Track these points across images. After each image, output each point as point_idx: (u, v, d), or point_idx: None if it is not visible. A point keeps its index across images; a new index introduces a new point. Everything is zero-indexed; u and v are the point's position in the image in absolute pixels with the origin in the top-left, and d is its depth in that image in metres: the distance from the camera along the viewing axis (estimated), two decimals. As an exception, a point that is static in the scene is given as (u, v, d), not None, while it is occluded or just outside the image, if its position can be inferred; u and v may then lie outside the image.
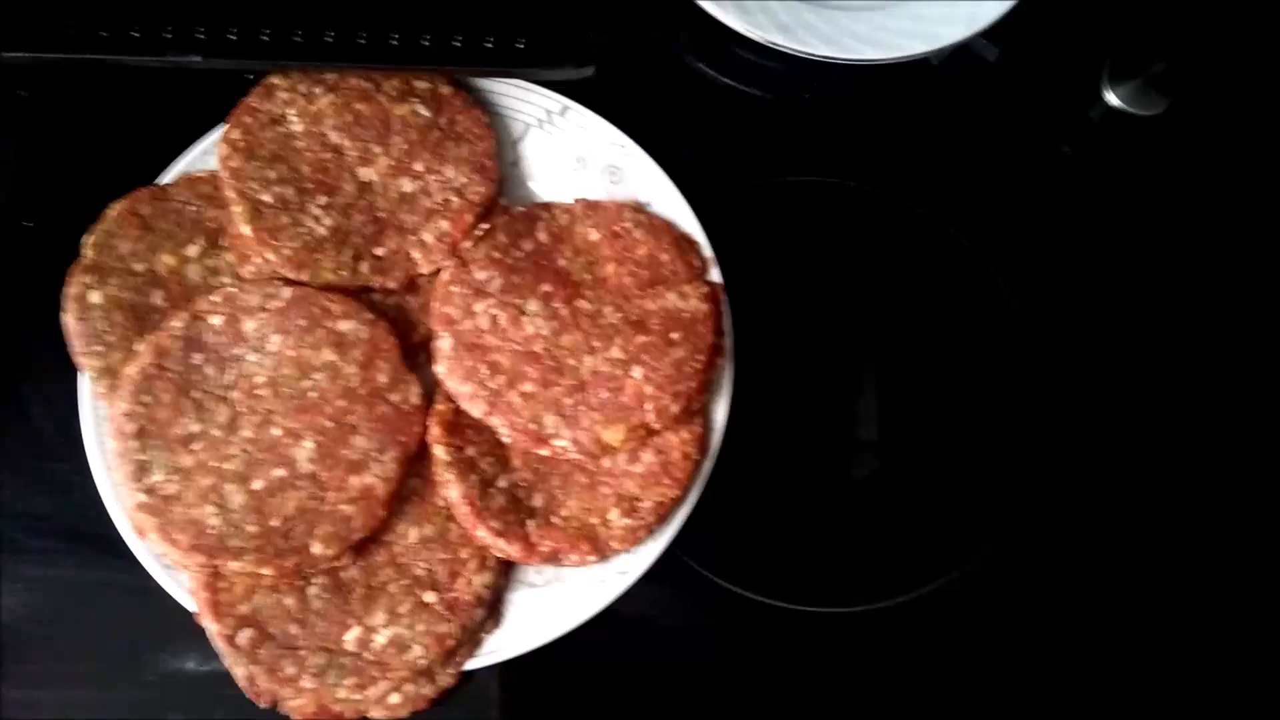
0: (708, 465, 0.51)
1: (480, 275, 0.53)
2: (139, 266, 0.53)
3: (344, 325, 0.51)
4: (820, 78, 0.63)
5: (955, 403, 0.59)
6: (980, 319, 0.60)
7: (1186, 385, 0.61)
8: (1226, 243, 0.63)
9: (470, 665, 0.49)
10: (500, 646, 0.49)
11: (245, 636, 0.47)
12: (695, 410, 0.51)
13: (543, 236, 0.54)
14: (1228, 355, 0.61)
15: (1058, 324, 0.61)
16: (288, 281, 0.52)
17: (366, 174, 0.54)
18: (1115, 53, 0.62)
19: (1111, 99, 0.61)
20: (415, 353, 0.53)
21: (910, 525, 0.56)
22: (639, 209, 0.55)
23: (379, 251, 0.53)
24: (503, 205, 0.56)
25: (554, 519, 0.50)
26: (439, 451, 0.50)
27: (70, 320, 0.51)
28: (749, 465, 0.54)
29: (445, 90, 0.56)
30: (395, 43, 0.54)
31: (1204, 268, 0.63)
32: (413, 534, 0.49)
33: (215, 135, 0.55)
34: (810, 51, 0.56)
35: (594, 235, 0.55)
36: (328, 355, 0.50)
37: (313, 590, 0.48)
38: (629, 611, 0.50)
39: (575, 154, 0.57)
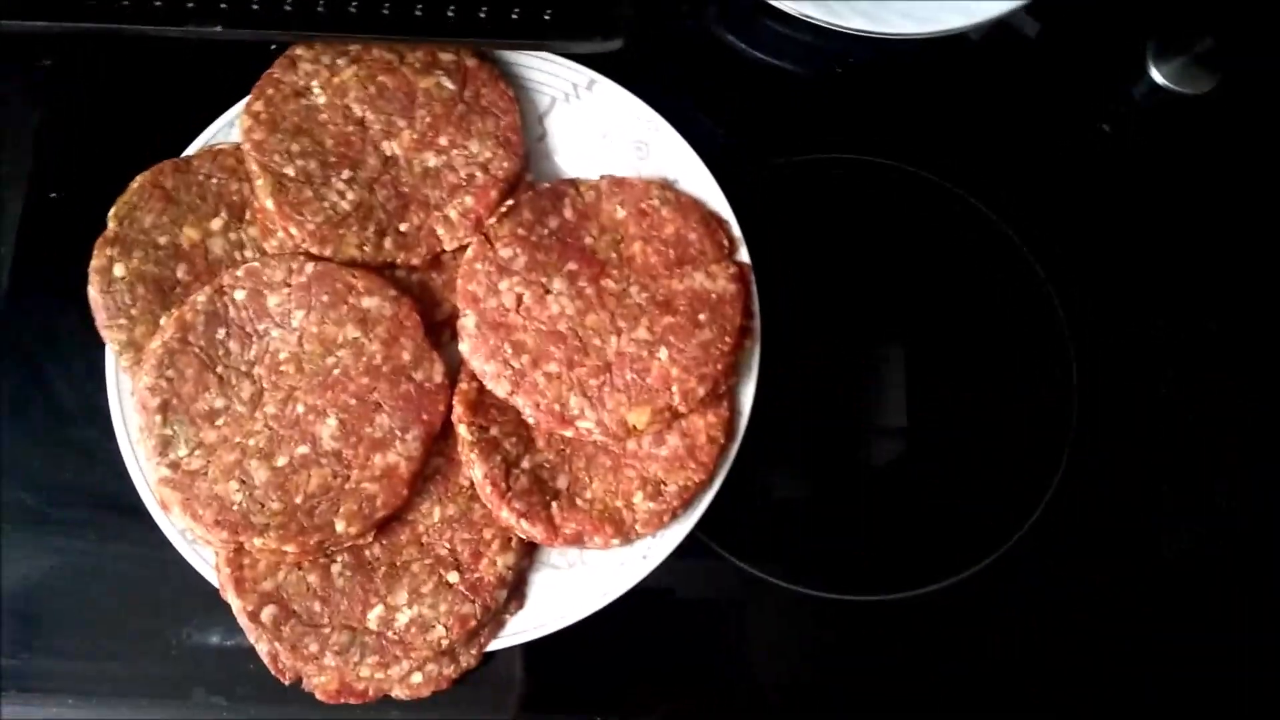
0: (733, 449, 0.50)
1: (505, 253, 0.52)
2: (162, 239, 0.52)
3: (368, 302, 0.50)
4: (854, 52, 0.61)
5: (986, 387, 0.58)
6: (1014, 302, 0.59)
7: (1222, 370, 0.59)
8: (1267, 225, 0.61)
9: (492, 646, 0.49)
10: (522, 628, 0.49)
11: (268, 613, 0.47)
12: (722, 393, 0.51)
13: (568, 214, 0.54)
14: (1265, 342, 0.60)
15: (1092, 306, 0.59)
16: (311, 256, 0.51)
17: (390, 148, 0.53)
18: (1161, 29, 0.60)
19: (1156, 76, 0.59)
20: (439, 330, 0.52)
21: (939, 513, 0.55)
22: (666, 186, 0.54)
23: (403, 227, 0.52)
24: (528, 181, 0.55)
25: (578, 501, 0.49)
26: (463, 431, 0.49)
27: (94, 293, 0.51)
28: (775, 449, 0.54)
29: (470, 63, 0.55)
30: (420, 13, 0.53)
31: (1243, 249, 0.61)
32: (436, 513, 0.49)
33: (239, 108, 0.54)
34: (845, 25, 0.54)
35: (621, 213, 0.54)
36: (351, 332, 0.50)
37: (336, 568, 0.48)
38: (651, 595, 0.50)
39: (602, 129, 0.56)
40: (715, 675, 0.53)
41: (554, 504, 0.49)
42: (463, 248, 0.53)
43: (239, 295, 0.50)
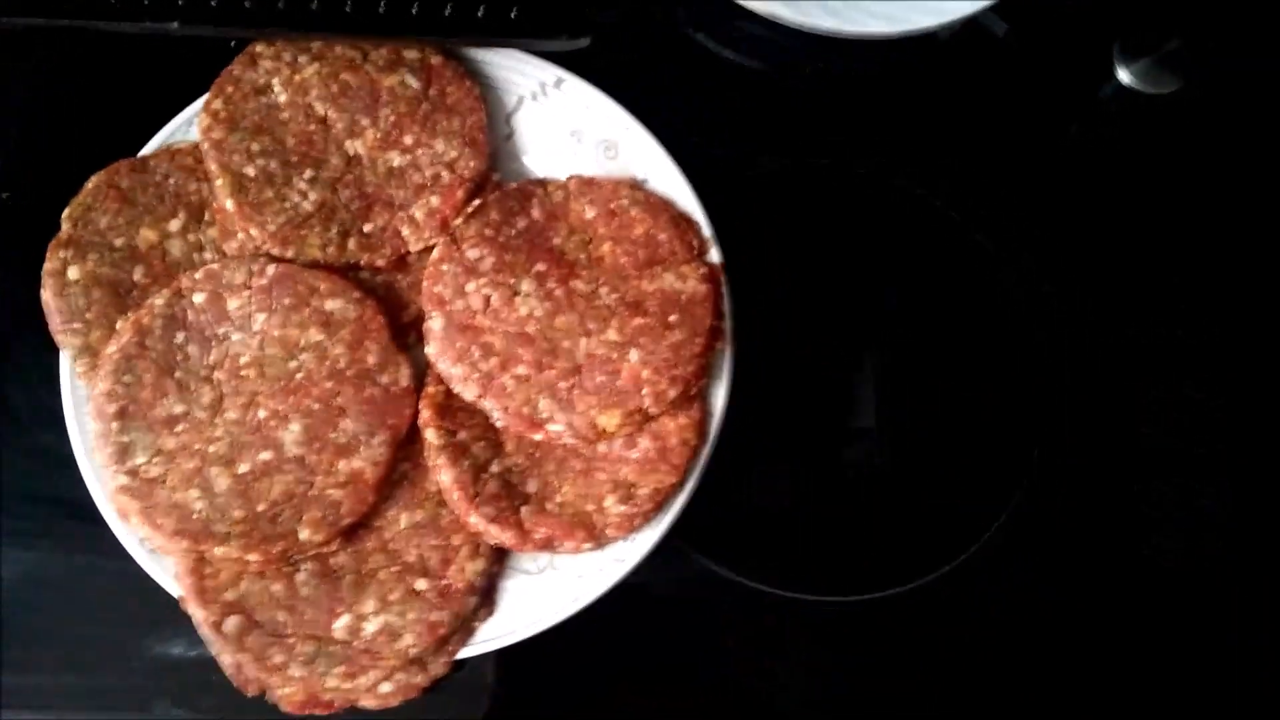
0: (706, 451, 0.50)
1: (472, 254, 0.51)
2: (118, 241, 0.51)
3: (331, 304, 0.50)
4: (824, 52, 0.61)
5: (956, 388, 0.58)
6: (982, 303, 0.59)
7: (1190, 371, 0.60)
8: (1235, 227, 0.62)
9: (463, 654, 0.48)
10: (493, 635, 0.48)
11: (232, 624, 0.46)
12: (694, 395, 0.50)
13: (537, 214, 0.53)
14: (1233, 343, 0.60)
15: (1061, 307, 0.59)
16: (273, 258, 0.50)
17: (354, 147, 0.52)
18: (1127, 30, 0.61)
19: (1123, 77, 0.60)
20: (405, 333, 0.52)
21: (911, 513, 0.55)
22: (636, 186, 0.54)
23: (367, 228, 0.51)
24: (495, 181, 0.54)
25: (548, 506, 0.48)
26: (430, 435, 0.49)
27: (48, 296, 0.50)
28: (748, 451, 0.53)
29: (435, 60, 0.54)
30: (383, 10, 0.52)
31: (1212, 251, 0.62)
32: (403, 519, 0.48)
33: (197, 105, 0.53)
34: (814, 25, 0.54)
35: (590, 213, 0.53)
36: (314, 335, 0.49)
37: (301, 577, 0.47)
38: (625, 599, 0.49)
39: (570, 128, 0.55)
40: (688, 679, 0.53)
41: (524, 508, 0.48)
42: (428, 249, 0.52)
43: (198, 298, 0.49)
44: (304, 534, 0.46)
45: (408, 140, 0.53)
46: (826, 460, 0.57)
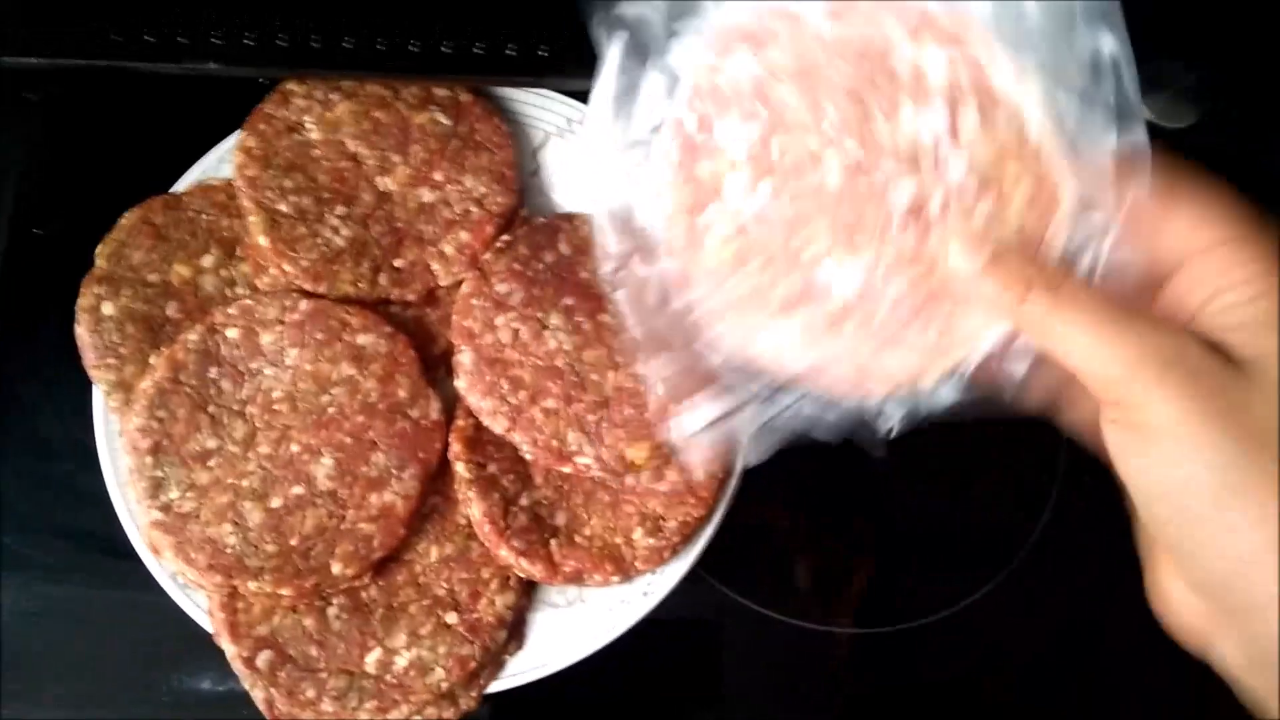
0: (733, 484, 0.50)
1: (501, 288, 0.52)
2: (153, 277, 0.51)
3: (363, 339, 0.50)
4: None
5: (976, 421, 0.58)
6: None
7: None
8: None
9: (492, 688, 0.48)
10: (523, 669, 0.48)
11: (264, 658, 0.46)
12: (721, 428, 0.51)
13: (564, 248, 0.53)
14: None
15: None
16: (305, 293, 0.51)
17: (385, 183, 0.53)
18: (1143, 64, 0.61)
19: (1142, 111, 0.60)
20: (434, 366, 0.52)
21: (940, 544, 0.56)
22: (662, 221, 0.54)
23: (398, 263, 0.52)
24: (523, 216, 0.55)
25: (577, 538, 0.49)
26: (460, 468, 0.49)
27: (83, 332, 0.50)
28: (773, 483, 0.53)
29: (465, 98, 0.55)
30: (415, 50, 0.53)
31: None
32: (433, 553, 0.49)
33: (230, 142, 0.54)
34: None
35: (616, 247, 0.54)
36: (346, 369, 0.50)
37: (332, 611, 0.47)
38: (650, 631, 0.49)
39: (596, 164, 0.56)
40: (705, 708, 0.53)
41: (553, 541, 0.48)
42: (458, 283, 0.52)
43: (231, 333, 0.50)
44: (336, 568, 0.46)
45: (438, 177, 0.53)
46: (854, 491, 0.57)
